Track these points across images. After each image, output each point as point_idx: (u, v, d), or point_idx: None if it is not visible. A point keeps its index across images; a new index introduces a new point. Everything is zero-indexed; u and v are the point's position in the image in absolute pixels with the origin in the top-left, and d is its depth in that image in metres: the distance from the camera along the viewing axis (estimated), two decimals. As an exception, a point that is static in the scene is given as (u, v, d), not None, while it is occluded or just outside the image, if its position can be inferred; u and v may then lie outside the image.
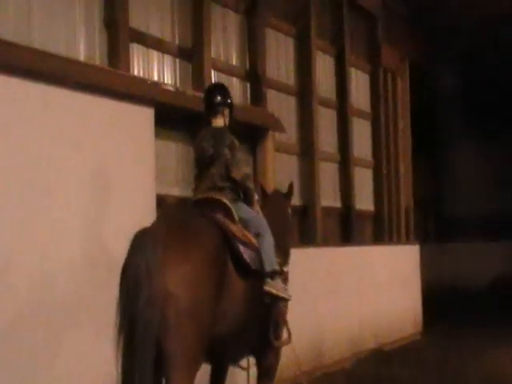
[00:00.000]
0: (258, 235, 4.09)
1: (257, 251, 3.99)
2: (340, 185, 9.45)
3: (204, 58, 6.55)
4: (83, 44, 5.44)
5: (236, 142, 4.25)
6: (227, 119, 4.41)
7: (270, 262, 4.04)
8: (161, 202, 5.61)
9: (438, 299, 13.54)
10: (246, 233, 4.02)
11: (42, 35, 5.03)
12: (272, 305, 4.08)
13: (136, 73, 5.90)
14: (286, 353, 4.52)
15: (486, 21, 11.95)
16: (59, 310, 4.24)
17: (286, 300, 4.19)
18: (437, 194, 18.22)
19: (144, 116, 5.19)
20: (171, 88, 5.86)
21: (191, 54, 6.57)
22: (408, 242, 11.01)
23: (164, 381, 3.36)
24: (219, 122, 4.37)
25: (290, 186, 4.83)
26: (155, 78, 6.13)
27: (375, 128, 10.51)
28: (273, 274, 4.03)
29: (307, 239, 8.45)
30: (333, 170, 9.36)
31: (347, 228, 9.39)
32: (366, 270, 8.80)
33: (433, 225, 18.07)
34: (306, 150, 8.54)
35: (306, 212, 8.50)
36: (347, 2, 9.74)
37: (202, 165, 4.26)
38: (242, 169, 4.21)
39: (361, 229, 9.88)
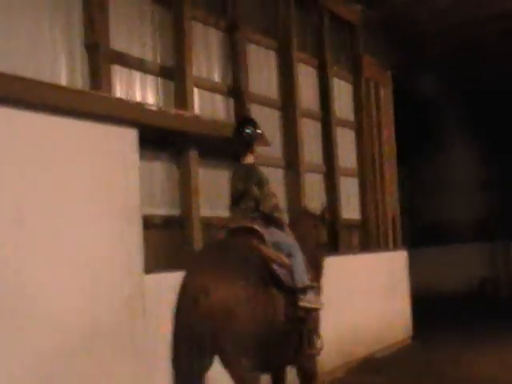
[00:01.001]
0: (289, 255, 4.54)
1: (290, 270, 4.48)
2: (326, 195, 9.50)
3: (186, 76, 6.60)
4: (64, 68, 5.46)
5: (264, 178, 4.72)
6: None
7: (301, 279, 4.50)
8: (148, 222, 5.64)
9: (425, 303, 13.62)
10: (279, 254, 4.48)
11: (22, 60, 5.05)
12: (306, 317, 4.53)
13: (118, 94, 5.93)
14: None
15: (468, 26, 12.08)
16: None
17: (318, 310, 4.64)
18: (414, 200, 18.46)
19: (128, 137, 5.22)
20: (154, 108, 5.90)
21: (173, 73, 6.62)
22: (395, 248, 11.08)
23: None
24: (248, 159, 4.78)
25: (324, 210, 5.43)
26: (138, 99, 6.16)
27: (359, 137, 10.57)
28: (304, 290, 4.49)
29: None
30: (319, 181, 9.42)
31: (335, 237, 9.45)
32: (356, 278, 8.84)
33: (414, 230, 18.26)
34: (291, 163, 8.60)
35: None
36: (328, 14, 9.84)
37: (234, 200, 4.74)
38: (271, 201, 4.65)
39: (348, 238, 9.94)
